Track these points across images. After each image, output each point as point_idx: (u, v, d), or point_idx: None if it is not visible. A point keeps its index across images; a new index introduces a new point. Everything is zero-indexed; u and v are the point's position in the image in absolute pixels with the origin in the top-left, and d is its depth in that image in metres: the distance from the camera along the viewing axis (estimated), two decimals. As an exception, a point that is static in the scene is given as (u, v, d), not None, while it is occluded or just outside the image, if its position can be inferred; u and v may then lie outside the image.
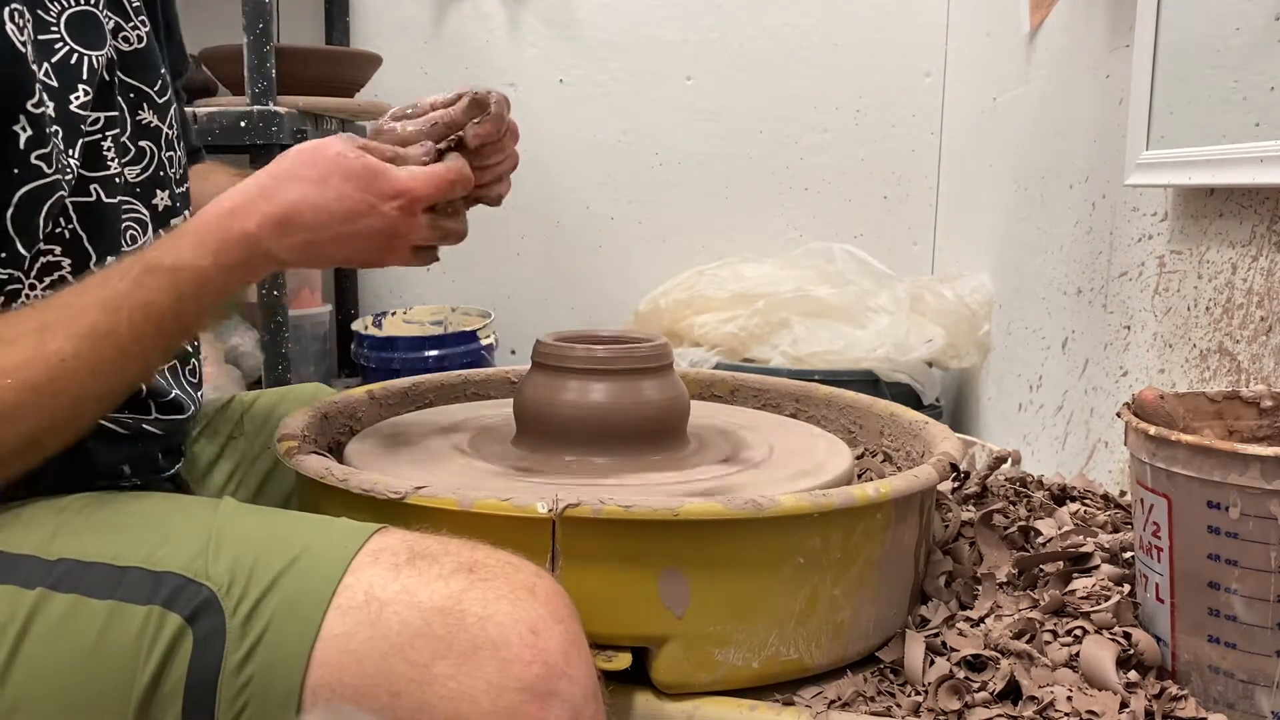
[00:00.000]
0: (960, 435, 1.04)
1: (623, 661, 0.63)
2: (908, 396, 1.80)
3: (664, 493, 0.73)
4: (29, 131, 0.65)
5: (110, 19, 0.77)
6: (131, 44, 0.79)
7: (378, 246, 0.71)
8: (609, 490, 0.72)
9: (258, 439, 0.96)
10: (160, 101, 0.81)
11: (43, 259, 0.69)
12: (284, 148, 0.92)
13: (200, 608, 0.55)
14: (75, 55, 0.71)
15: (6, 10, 0.64)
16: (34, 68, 0.66)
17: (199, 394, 0.84)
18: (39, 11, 0.69)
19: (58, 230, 0.70)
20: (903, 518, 0.71)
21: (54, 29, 0.70)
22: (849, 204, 2.34)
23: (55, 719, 0.55)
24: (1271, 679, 0.63)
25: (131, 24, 0.79)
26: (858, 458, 0.94)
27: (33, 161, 0.66)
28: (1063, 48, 1.52)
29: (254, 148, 1.70)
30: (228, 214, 0.67)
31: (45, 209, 0.67)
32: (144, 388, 0.75)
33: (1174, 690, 0.66)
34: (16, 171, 0.65)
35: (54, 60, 0.70)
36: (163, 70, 0.82)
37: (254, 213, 0.67)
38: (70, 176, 0.69)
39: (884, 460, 0.95)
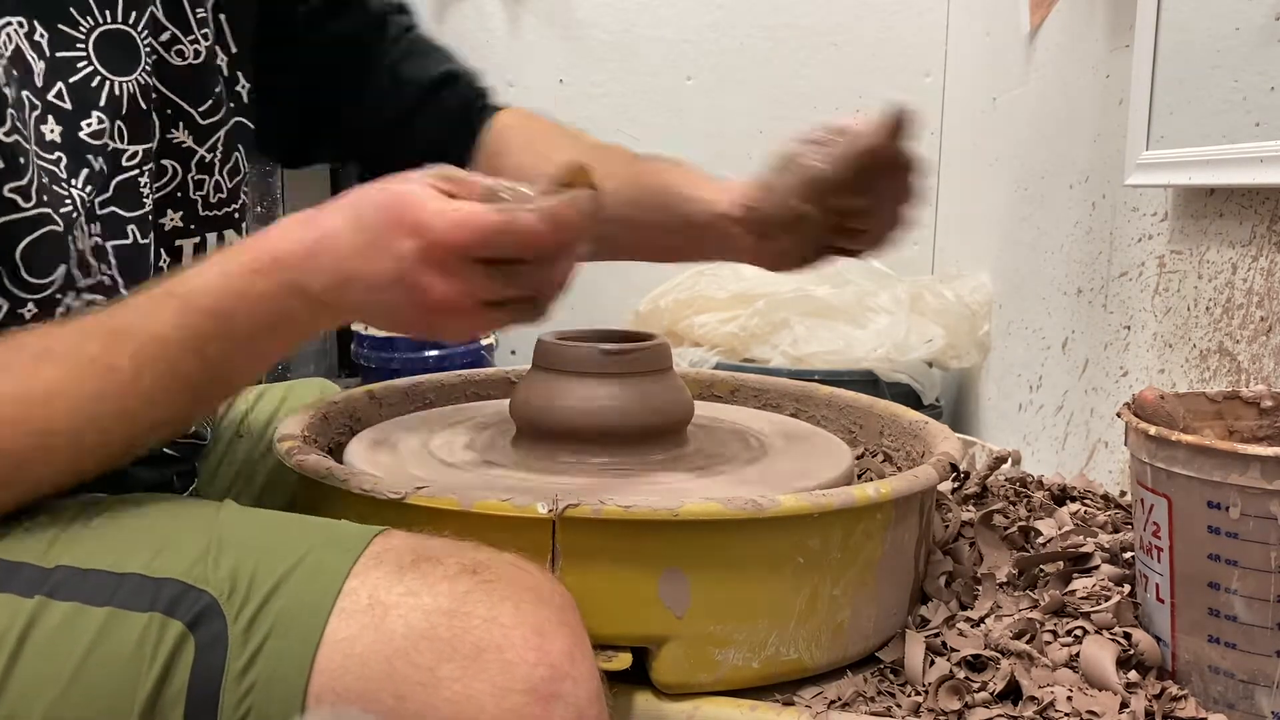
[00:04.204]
0: (960, 435, 1.04)
1: (623, 661, 0.63)
2: (908, 396, 1.80)
3: (665, 493, 0.73)
4: (0, 163, 0.59)
5: (166, 30, 0.71)
6: (186, 58, 0.73)
7: (400, 301, 0.60)
8: (609, 490, 0.72)
9: (261, 440, 0.95)
10: (204, 124, 0.75)
11: (78, 305, 0.65)
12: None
13: (201, 614, 0.55)
14: (97, 79, 0.66)
15: None
16: (8, 92, 0.59)
17: (219, 419, 0.82)
18: (61, 26, 0.64)
19: (91, 279, 0.65)
20: (903, 518, 0.71)
21: (80, 46, 0.65)
22: (849, 204, 2.34)
23: None
24: (1271, 679, 0.63)
25: (191, 36, 0.73)
26: (858, 458, 0.94)
27: (5, 195, 0.60)
28: (1063, 48, 1.52)
29: (254, 148, 1.70)
30: (262, 237, 0.61)
31: (42, 246, 0.62)
32: None
33: (1174, 690, 0.66)
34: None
35: (71, 81, 0.65)
36: (218, 90, 0.76)
37: (288, 237, 0.61)
38: (72, 210, 0.64)
39: (884, 460, 0.95)
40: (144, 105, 0.69)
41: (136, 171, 0.70)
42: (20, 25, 0.62)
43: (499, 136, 0.90)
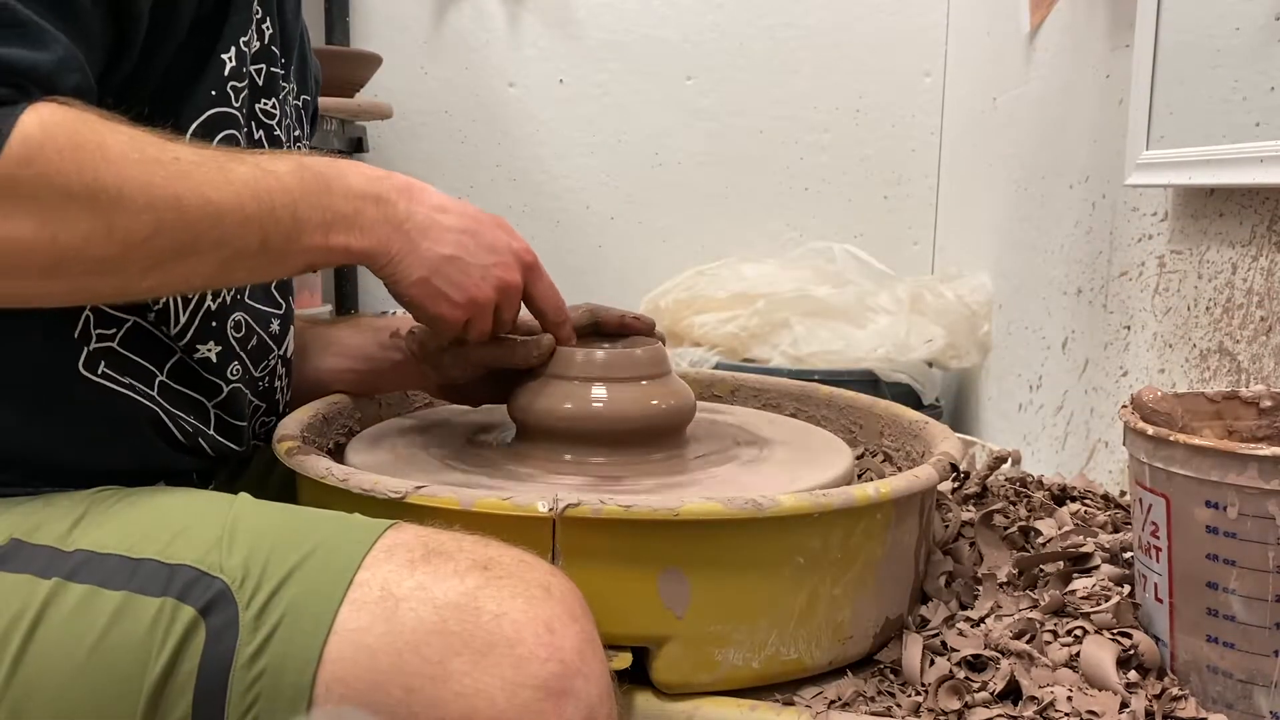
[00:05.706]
0: (960, 435, 1.04)
1: (623, 661, 0.63)
2: (908, 396, 1.80)
3: (665, 493, 0.73)
4: (233, 63, 0.68)
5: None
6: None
7: (486, 247, 0.71)
8: (609, 490, 0.72)
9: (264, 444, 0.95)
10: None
11: None
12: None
13: (214, 600, 0.56)
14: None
15: None
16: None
17: (253, 443, 0.82)
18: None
19: None
20: (903, 518, 0.71)
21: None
22: (849, 204, 2.34)
23: (66, 709, 0.55)
24: (1270, 679, 0.63)
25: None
26: (858, 458, 0.94)
27: (227, 90, 0.68)
28: (1063, 48, 1.52)
29: (254, 148, 1.70)
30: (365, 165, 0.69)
31: (217, 139, 0.69)
32: (220, 411, 0.74)
33: (1174, 690, 0.66)
34: (214, 94, 0.68)
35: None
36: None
37: (393, 174, 0.70)
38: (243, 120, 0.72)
39: (884, 460, 0.95)
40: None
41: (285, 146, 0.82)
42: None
43: None
